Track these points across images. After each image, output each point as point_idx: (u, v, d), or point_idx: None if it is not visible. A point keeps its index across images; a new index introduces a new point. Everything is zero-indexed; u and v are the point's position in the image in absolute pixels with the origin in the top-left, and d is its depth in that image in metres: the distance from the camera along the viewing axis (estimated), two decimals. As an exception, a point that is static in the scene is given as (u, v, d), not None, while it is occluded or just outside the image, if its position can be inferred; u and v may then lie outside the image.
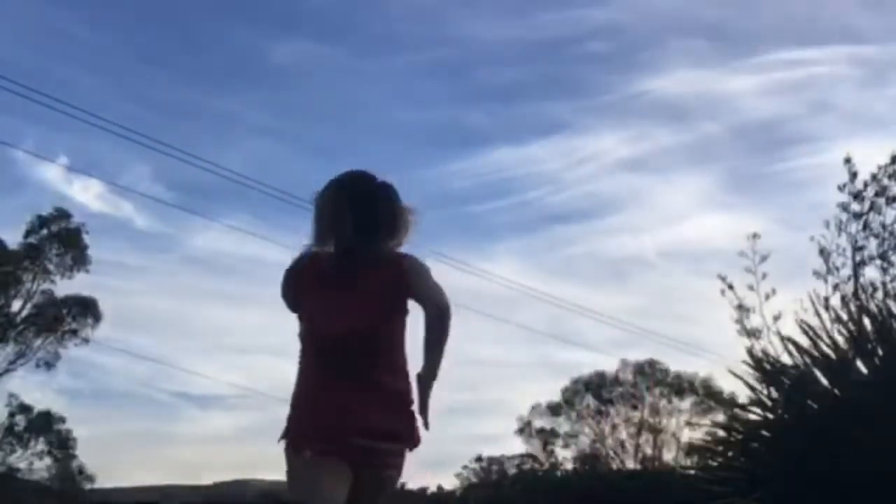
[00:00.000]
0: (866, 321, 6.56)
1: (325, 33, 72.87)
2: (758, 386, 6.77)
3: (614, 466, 42.06)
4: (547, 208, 66.83)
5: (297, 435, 3.25)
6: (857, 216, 8.32)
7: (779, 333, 7.27)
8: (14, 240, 31.52)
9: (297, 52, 69.91)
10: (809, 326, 6.68)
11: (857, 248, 8.19)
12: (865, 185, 8.43)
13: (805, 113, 71.78)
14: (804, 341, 6.61)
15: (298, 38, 70.68)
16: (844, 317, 6.83)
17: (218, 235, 56.81)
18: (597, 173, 71.35)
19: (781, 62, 67.57)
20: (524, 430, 44.78)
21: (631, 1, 67.08)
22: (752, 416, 6.93)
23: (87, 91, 49.09)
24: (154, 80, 67.37)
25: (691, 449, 18.38)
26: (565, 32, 71.31)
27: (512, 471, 47.32)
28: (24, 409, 31.94)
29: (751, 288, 7.75)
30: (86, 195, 59.50)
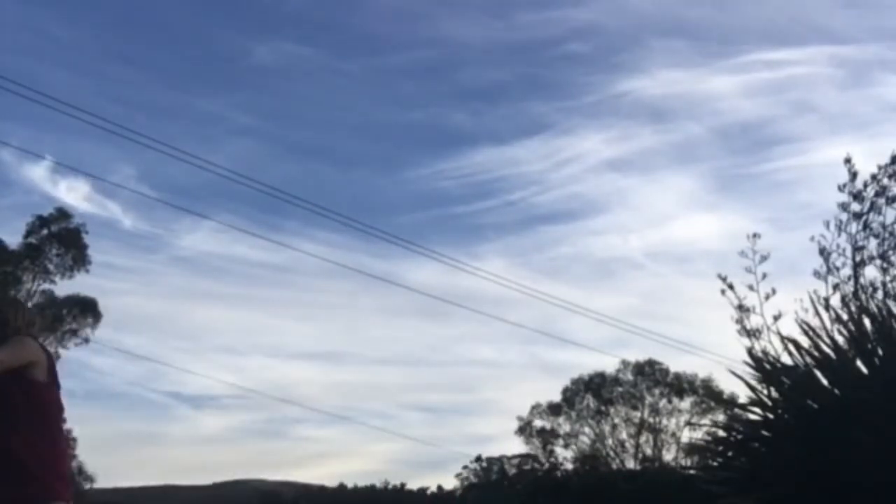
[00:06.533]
0: (866, 321, 6.56)
1: (306, 34, 72.72)
2: (758, 386, 6.76)
3: (614, 466, 42.05)
4: (532, 209, 66.88)
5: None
6: (857, 216, 8.30)
7: (779, 333, 7.26)
8: (14, 240, 31.55)
9: (279, 53, 69.74)
10: (809, 326, 6.68)
11: (857, 248, 8.18)
12: (865, 185, 8.42)
13: (787, 113, 71.83)
14: (804, 341, 6.61)
15: (280, 39, 70.59)
16: (844, 317, 6.82)
17: (206, 235, 56.88)
18: (581, 174, 71.31)
19: (762, 62, 67.60)
20: (524, 430, 44.79)
21: (611, 2, 67.12)
22: (752, 416, 6.93)
23: (69, 91, 49.05)
24: (136, 81, 67.31)
25: (691, 449, 18.39)
26: (546, 33, 71.30)
27: (512, 471, 47.32)
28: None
29: (751, 288, 7.74)
30: (73, 196, 59.55)
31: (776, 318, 7.52)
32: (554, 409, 44.37)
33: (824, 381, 6.52)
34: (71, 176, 63.17)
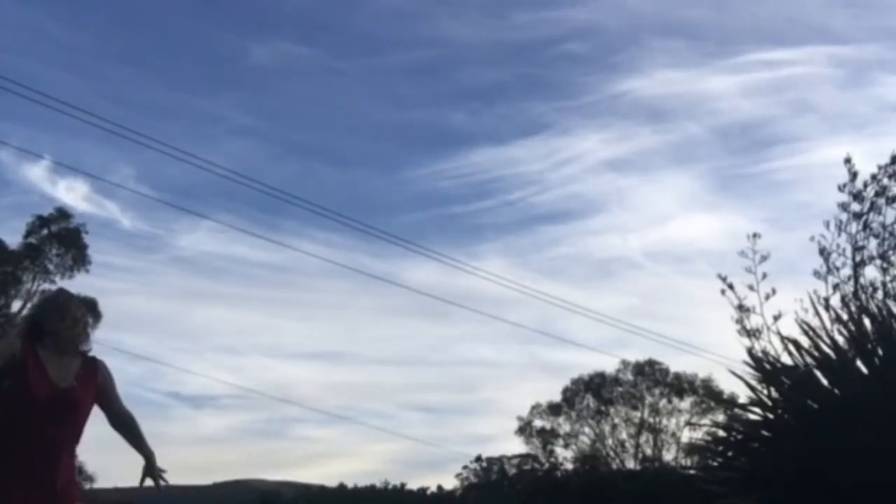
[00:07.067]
0: (866, 321, 6.55)
1: (305, 35, 72.67)
2: (758, 386, 6.76)
3: (614, 466, 42.04)
4: (531, 209, 67.01)
5: None
6: (857, 216, 8.31)
7: (779, 333, 7.27)
8: (14, 240, 31.55)
9: (278, 53, 69.66)
10: (809, 326, 6.67)
11: (857, 248, 8.18)
12: (865, 185, 8.43)
13: (785, 113, 71.96)
14: (804, 341, 6.61)
15: (279, 39, 70.60)
16: (844, 317, 6.82)
17: (206, 235, 56.95)
18: (580, 174, 71.36)
19: (760, 62, 67.63)
20: (524, 429, 44.78)
21: (609, 1, 67.11)
22: (752, 416, 6.93)
23: (69, 91, 49.09)
24: (134, 82, 67.32)
25: (691, 449, 18.39)
26: (544, 33, 71.34)
27: (512, 471, 47.33)
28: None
29: (751, 288, 7.75)
30: (72, 196, 59.62)
31: (776, 318, 7.53)
32: (554, 409, 44.36)
33: (824, 381, 6.51)
34: (70, 176, 63.36)
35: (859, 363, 6.45)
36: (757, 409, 6.82)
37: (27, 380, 4.20)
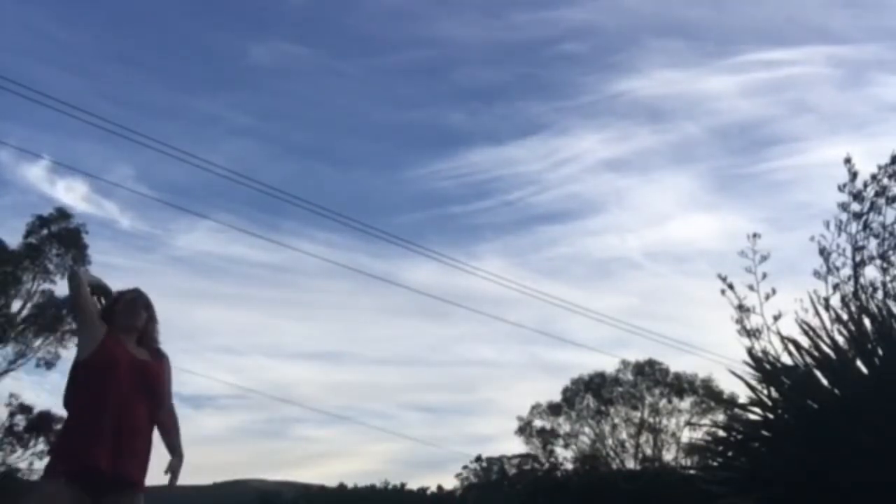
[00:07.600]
0: (866, 321, 6.56)
1: (304, 35, 72.61)
2: (758, 386, 6.77)
3: (614, 466, 42.03)
4: (530, 209, 66.92)
5: None
6: (857, 216, 8.31)
7: (779, 333, 7.27)
8: (14, 240, 31.55)
9: (277, 53, 69.58)
10: (809, 326, 6.68)
11: (857, 248, 8.19)
12: (865, 185, 8.44)
13: (784, 113, 71.85)
14: (804, 341, 6.61)
15: (278, 39, 70.52)
16: (844, 317, 6.82)
17: (204, 235, 56.93)
18: (579, 174, 71.29)
19: (759, 62, 67.49)
20: (524, 430, 44.77)
21: (607, 1, 66.97)
22: (752, 416, 6.93)
23: (68, 91, 49.16)
24: (134, 82, 67.28)
25: (691, 449, 18.39)
26: (542, 33, 71.25)
27: (512, 471, 47.32)
28: (24, 409, 31.92)
29: (751, 288, 7.75)
30: (71, 195, 59.57)
31: (776, 318, 7.54)
32: (554, 409, 44.35)
33: (824, 381, 6.52)
34: (69, 176, 63.57)
35: (859, 363, 6.45)
36: (757, 409, 6.82)
37: (107, 345, 4.48)
